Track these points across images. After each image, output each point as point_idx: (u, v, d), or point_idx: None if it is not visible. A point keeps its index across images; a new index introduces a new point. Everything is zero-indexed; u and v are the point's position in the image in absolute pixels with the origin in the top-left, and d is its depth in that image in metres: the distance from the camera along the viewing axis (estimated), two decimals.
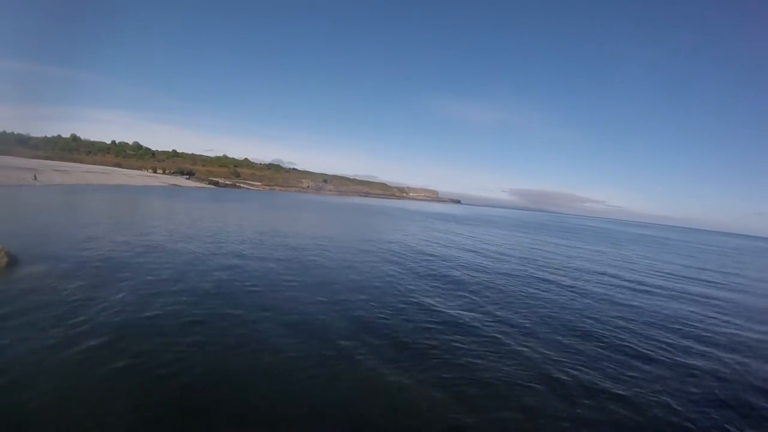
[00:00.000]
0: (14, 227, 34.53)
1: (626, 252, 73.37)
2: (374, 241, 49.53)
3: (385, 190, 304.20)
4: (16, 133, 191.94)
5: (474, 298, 26.97)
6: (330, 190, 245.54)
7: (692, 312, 29.99)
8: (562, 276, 38.40)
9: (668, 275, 47.64)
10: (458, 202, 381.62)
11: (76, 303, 19.07)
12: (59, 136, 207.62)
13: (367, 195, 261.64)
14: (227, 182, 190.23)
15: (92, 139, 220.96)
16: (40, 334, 15.28)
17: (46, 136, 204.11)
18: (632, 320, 25.79)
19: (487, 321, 22.06)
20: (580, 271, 42.31)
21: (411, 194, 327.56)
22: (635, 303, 30.80)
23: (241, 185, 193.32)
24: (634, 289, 35.84)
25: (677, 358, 19.88)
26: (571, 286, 33.92)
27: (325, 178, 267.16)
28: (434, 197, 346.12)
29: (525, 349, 18.33)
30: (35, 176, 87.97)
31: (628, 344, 21.13)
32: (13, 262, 24.05)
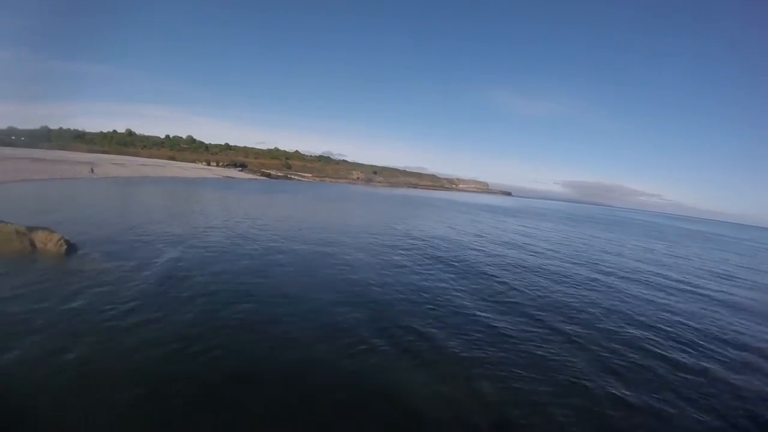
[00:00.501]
0: (72, 217, 34.95)
1: (681, 249, 70.98)
2: (417, 233, 48.92)
3: (434, 182, 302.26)
4: (72, 129, 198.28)
5: (516, 298, 25.46)
6: (379, 182, 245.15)
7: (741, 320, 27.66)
8: (613, 276, 35.91)
9: (723, 277, 44.72)
10: (509, 194, 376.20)
11: (128, 287, 20.01)
12: (115, 131, 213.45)
13: (416, 186, 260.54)
14: (279, 174, 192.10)
15: (147, 133, 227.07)
16: (95, 316, 16.32)
17: (102, 132, 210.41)
18: (682, 327, 23.97)
19: (528, 322, 21.21)
20: (634, 272, 39.62)
21: (460, 186, 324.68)
22: (688, 308, 28.53)
23: (293, 177, 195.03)
24: (685, 291, 33.41)
25: (732, 374, 18.16)
26: (623, 289, 31.39)
27: (375, 170, 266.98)
28: (484, 189, 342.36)
29: (573, 352, 17.87)
30: (92, 169, 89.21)
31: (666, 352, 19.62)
32: (71, 249, 24.90)
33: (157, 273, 23.08)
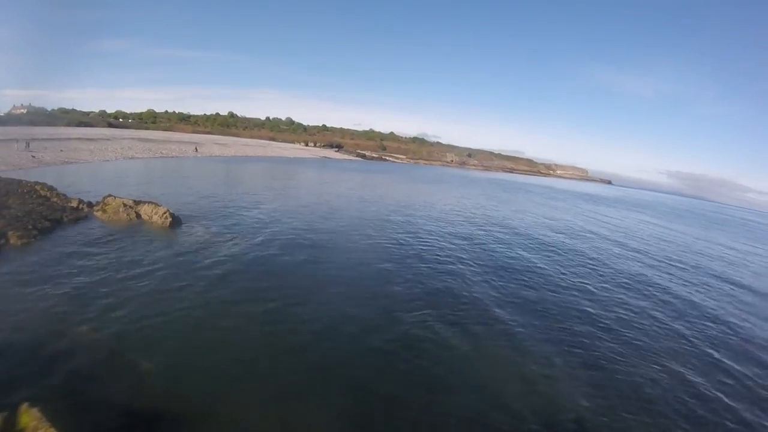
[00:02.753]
0: (177, 193, 36.25)
1: None
2: (512, 224, 47.43)
3: (531, 167, 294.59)
4: (177, 111, 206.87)
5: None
6: (474, 165, 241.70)
7: None
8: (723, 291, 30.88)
9: None
10: (609, 182, 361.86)
11: (225, 259, 21.29)
12: (217, 114, 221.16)
13: (512, 171, 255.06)
14: (374, 155, 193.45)
15: (248, 116, 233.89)
16: (194, 281, 17.97)
17: (205, 114, 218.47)
18: None
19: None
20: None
21: (558, 172, 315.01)
22: None
23: (387, 158, 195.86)
24: None
25: None
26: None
27: (470, 153, 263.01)
28: (583, 176, 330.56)
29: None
30: (196, 149, 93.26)
31: None
32: (176, 222, 26.40)
33: (253, 247, 23.82)
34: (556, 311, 20.00)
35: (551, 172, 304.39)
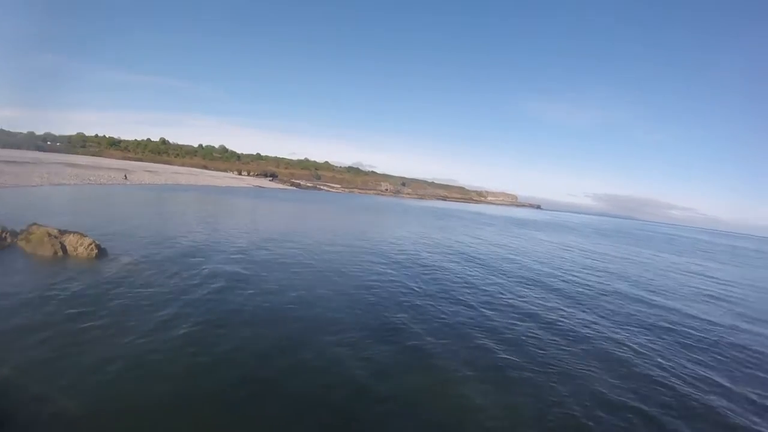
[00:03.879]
0: (105, 223, 35.14)
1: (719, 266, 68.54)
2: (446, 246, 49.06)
3: (463, 194, 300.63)
4: (108, 136, 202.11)
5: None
6: (408, 194, 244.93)
7: None
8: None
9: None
10: (538, 207, 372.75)
11: (156, 293, 20.20)
12: (149, 140, 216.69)
13: (445, 199, 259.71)
14: (308, 184, 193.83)
15: (180, 142, 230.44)
16: (123, 318, 16.76)
17: (136, 140, 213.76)
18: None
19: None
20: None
21: (489, 198, 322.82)
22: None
23: (322, 187, 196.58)
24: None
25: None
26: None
27: (404, 182, 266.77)
28: (513, 202, 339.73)
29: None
30: (126, 176, 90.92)
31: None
32: (102, 253, 25.22)
33: (182, 281, 23.06)
34: (463, 325, 20.60)
35: (483, 198, 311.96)
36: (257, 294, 22.52)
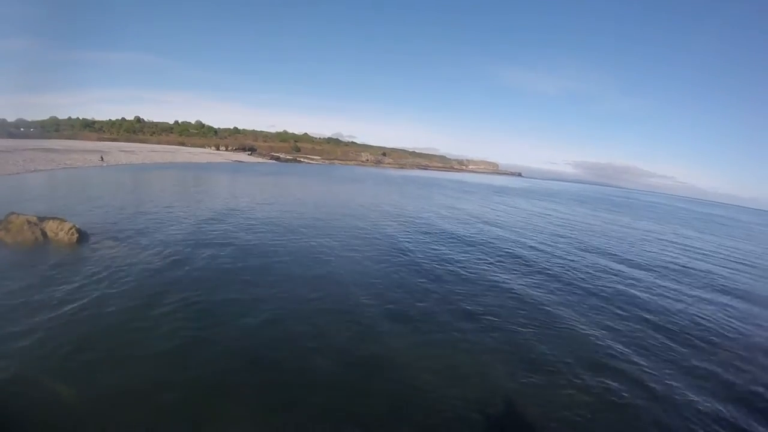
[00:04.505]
0: (83, 206, 35.28)
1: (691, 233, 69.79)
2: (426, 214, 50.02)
3: (444, 163, 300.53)
4: (81, 118, 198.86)
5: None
6: (389, 164, 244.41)
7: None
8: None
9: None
10: (519, 175, 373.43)
11: (137, 274, 20.76)
12: (123, 119, 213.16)
13: (426, 168, 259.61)
14: (288, 157, 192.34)
15: (155, 120, 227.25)
16: (108, 299, 17.41)
17: (110, 119, 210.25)
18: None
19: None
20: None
21: (470, 167, 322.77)
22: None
23: (302, 160, 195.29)
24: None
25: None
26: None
27: (384, 152, 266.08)
28: (494, 170, 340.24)
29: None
30: (102, 158, 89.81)
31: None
32: (83, 237, 25.60)
33: (165, 259, 23.62)
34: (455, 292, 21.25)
35: (464, 167, 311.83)
36: (242, 268, 23.16)
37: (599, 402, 13.45)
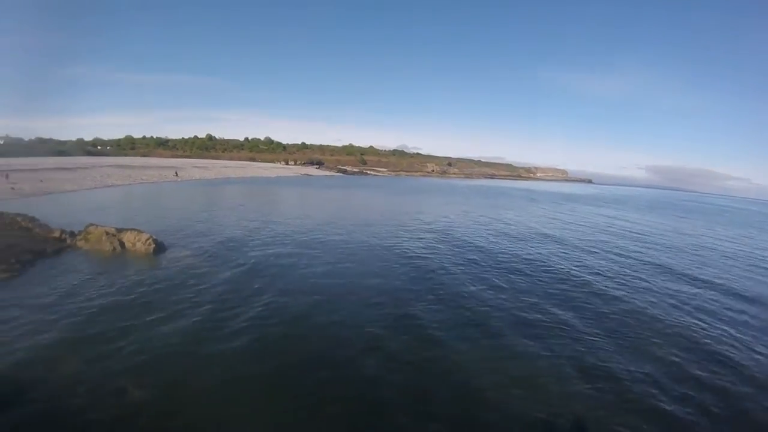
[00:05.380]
0: (159, 218, 36.42)
1: None
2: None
3: (511, 171, 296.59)
4: (155, 136, 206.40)
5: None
6: (455, 173, 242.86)
7: None
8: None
9: None
10: (589, 181, 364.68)
11: (212, 281, 21.51)
12: (196, 137, 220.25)
13: (492, 177, 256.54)
14: (354, 170, 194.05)
15: (227, 137, 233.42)
16: (181, 307, 17.92)
17: (183, 138, 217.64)
18: None
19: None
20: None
21: (538, 174, 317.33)
22: None
23: (368, 172, 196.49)
24: None
25: None
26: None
27: (450, 162, 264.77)
28: (564, 177, 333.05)
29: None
30: (176, 173, 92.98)
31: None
32: (159, 248, 26.63)
33: (236, 267, 24.11)
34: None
35: (531, 175, 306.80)
36: (308, 275, 23.43)
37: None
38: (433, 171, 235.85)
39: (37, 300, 17.71)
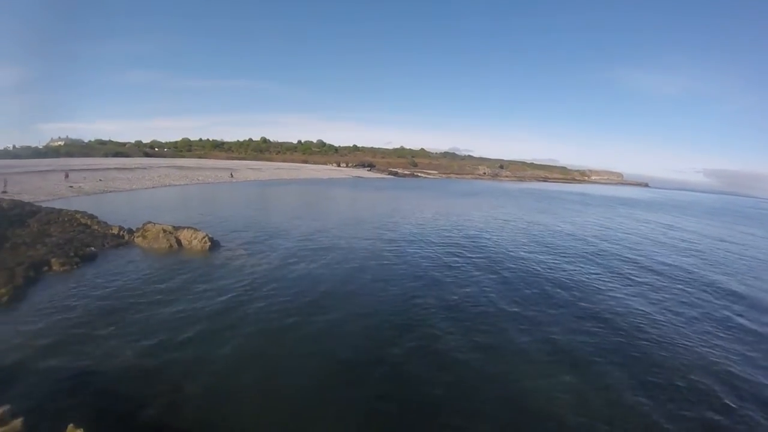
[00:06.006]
0: (214, 218, 37.28)
1: None
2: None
3: (564, 175, 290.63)
4: (211, 139, 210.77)
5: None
6: (507, 176, 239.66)
7: None
8: None
9: None
10: (645, 185, 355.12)
11: (266, 278, 22.10)
12: (250, 140, 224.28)
13: (545, 180, 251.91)
14: (405, 172, 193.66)
15: (280, 140, 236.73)
16: (236, 304, 18.39)
17: (238, 140, 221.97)
18: None
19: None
20: None
21: (593, 178, 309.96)
22: None
23: (419, 174, 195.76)
24: None
25: None
26: None
27: (501, 164, 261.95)
28: (619, 181, 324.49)
29: None
30: (231, 174, 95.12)
31: None
32: (215, 246, 27.34)
33: (288, 266, 24.43)
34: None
35: (586, 178, 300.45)
36: (360, 273, 23.86)
37: None
38: (484, 174, 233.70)
39: (93, 292, 18.41)
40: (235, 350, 14.19)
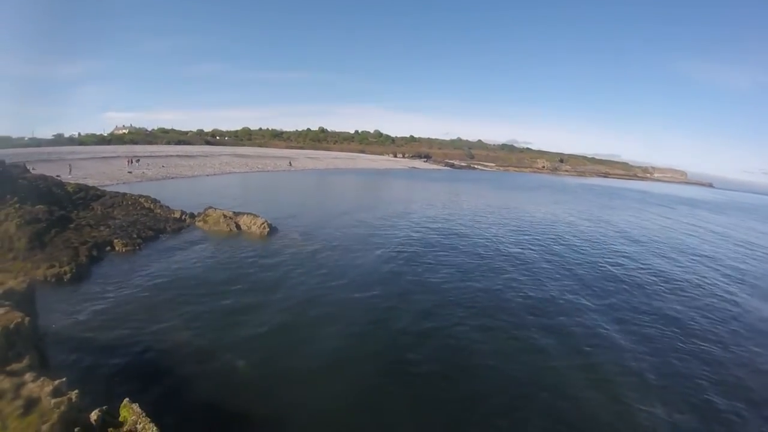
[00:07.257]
0: (273, 204, 37.66)
1: None
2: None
3: (626, 171, 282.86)
4: (270, 128, 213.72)
5: None
6: (566, 171, 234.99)
7: None
8: None
9: None
10: (710, 185, 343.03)
11: (322, 264, 22.30)
12: (309, 129, 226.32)
13: (606, 176, 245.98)
14: (462, 164, 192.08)
15: (337, 130, 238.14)
16: (292, 287, 18.74)
17: (296, 130, 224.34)
18: None
19: None
20: None
21: (655, 175, 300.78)
22: None
23: (476, 166, 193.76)
24: None
25: None
26: None
27: (561, 158, 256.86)
28: (682, 179, 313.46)
29: None
30: (290, 163, 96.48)
31: None
32: (273, 231, 27.87)
33: (343, 253, 24.65)
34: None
35: (648, 175, 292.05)
36: (412, 263, 23.67)
37: None
38: (543, 167, 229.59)
39: (153, 272, 18.98)
40: (288, 333, 14.27)
